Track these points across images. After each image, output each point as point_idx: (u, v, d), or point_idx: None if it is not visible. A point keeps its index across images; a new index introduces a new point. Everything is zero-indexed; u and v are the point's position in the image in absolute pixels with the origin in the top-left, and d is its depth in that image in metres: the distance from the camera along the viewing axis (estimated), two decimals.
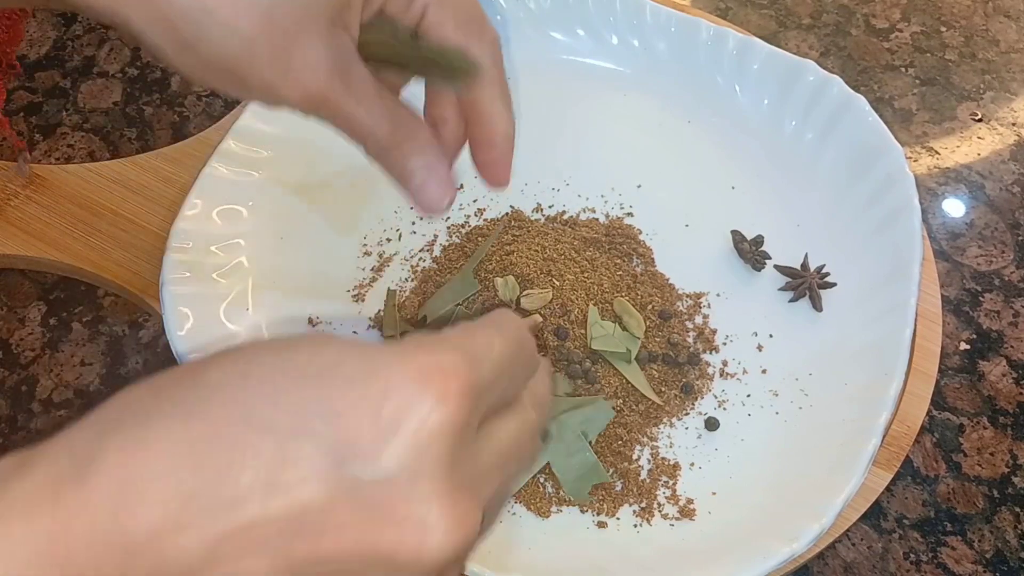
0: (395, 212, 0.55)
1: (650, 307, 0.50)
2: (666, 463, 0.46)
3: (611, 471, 0.46)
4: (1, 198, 0.54)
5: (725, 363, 0.50)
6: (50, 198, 0.54)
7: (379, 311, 0.51)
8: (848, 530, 0.45)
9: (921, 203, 0.51)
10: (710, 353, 0.50)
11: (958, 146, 0.62)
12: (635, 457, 0.46)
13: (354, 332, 0.50)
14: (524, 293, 0.49)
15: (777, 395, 0.49)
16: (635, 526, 0.45)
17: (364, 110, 0.33)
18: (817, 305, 0.51)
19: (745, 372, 0.49)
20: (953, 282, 0.56)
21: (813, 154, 0.56)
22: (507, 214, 0.55)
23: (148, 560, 0.21)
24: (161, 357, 0.52)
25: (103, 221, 0.53)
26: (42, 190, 0.54)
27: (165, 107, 0.62)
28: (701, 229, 0.54)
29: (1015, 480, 0.49)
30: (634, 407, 0.47)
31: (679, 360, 0.49)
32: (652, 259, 0.53)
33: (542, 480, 0.46)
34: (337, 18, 0.31)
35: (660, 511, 0.45)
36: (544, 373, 0.29)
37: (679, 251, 0.53)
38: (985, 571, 0.47)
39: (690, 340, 0.50)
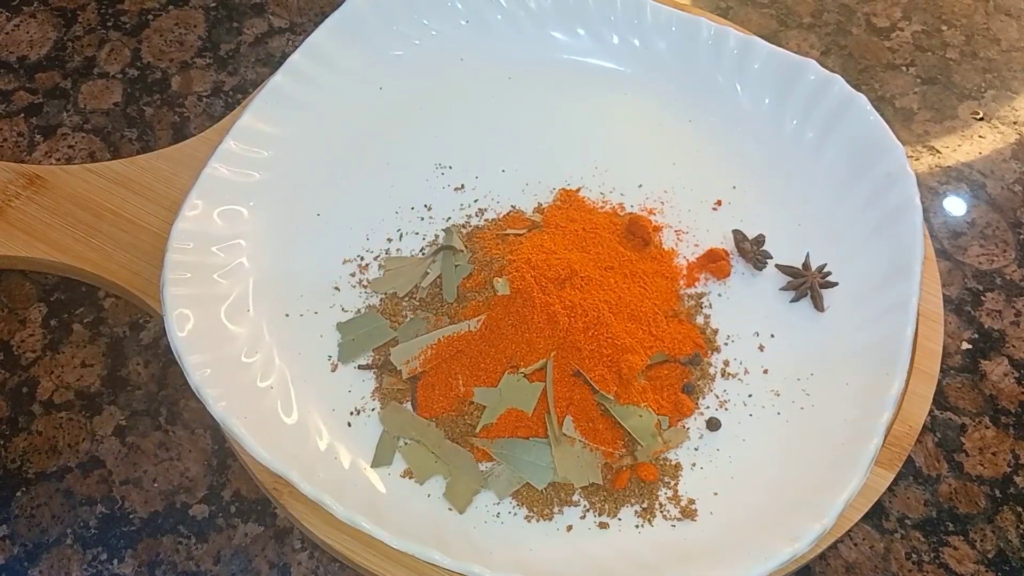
0: (396, 212, 0.55)
1: None
2: (668, 463, 0.46)
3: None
4: (2, 199, 0.54)
5: (726, 363, 0.50)
6: (51, 199, 0.54)
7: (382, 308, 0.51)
8: (850, 530, 0.45)
9: (922, 202, 0.51)
10: (711, 353, 0.50)
11: (959, 145, 0.62)
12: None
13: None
14: None
15: (779, 395, 0.49)
16: (637, 526, 0.45)
17: None
18: (818, 305, 0.51)
19: (746, 372, 0.49)
20: (954, 281, 0.56)
21: (814, 153, 0.56)
22: (508, 213, 0.55)
23: None
24: (162, 358, 0.52)
25: (104, 222, 0.53)
26: (43, 191, 0.54)
27: (165, 108, 0.62)
28: (702, 229, 0.54)
29: (1017, 480, 0.49)
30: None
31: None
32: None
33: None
34: None
35: (662, 511, 0.45)
36: None
37: (679, 250, 0.53)
38: (987, 571, 0.47)
39: None
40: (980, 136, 0.62)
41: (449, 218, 0.55)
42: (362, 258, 0.53)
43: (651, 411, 0.47)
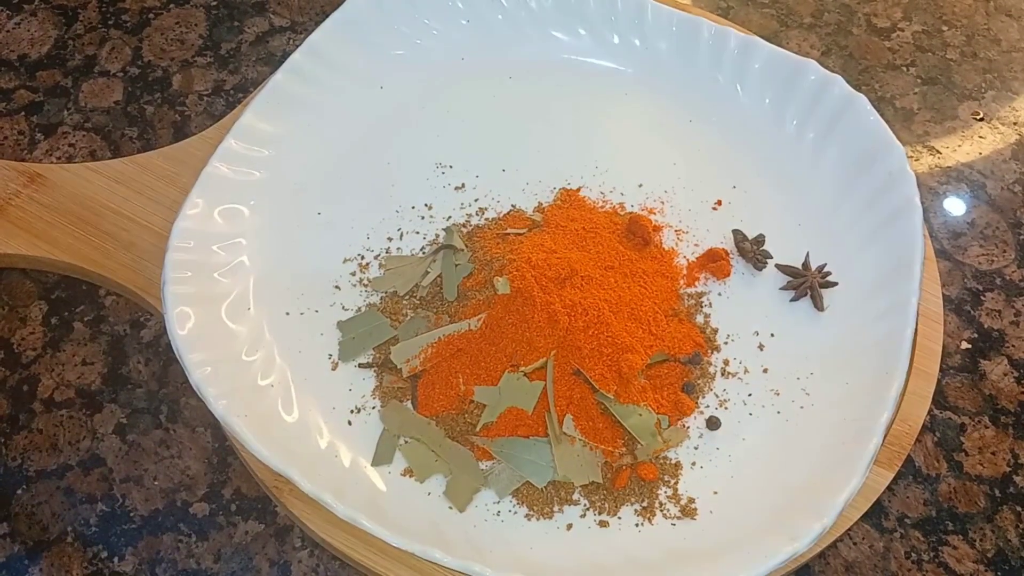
0: (396, 211, 0.55)
1: None
2: (667, 462, 0.46)
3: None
4: (3, 197, 0.54)
5: (726, 362, 0.50)
6: (51, 197, 0.54)
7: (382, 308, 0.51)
8: (849, 529, 0.45)
9: (922, 202, 0.51)
10: (711, 352, 0.50)
11: (959, 145, 0.62)
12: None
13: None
14: None
15: (778, 394, 0.49)
16: (636, 525, 0.45)
17: None
18: (818, 304, 0.51)
19: (746, 371, 0.49)
20: (954, 281, 0.56)
21: (814, 153, 0.56)
22: (508, 213, 0.55)
23: None
24: (163, 357, 0.52)
25: (104, 220, 0.53)
26: (43, 190, 0.54)
27: (166, 106, 0.62)
28: (702, 228, 0.54)
29: (1016, 479, 0.49)
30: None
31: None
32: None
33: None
34: None
35: (662, 510, 0.45)
36: None
37: (680, 250, 0.53)
38: (987, 570, 0.47)
39: None
40: (980, 136, 0.62)
41: (449, 217, 0.55)
42: (362, 257, 0.53)
43: (651, 410, 0.47)
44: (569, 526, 0.45)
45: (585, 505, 0.45)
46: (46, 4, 0.67)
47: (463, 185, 0.56)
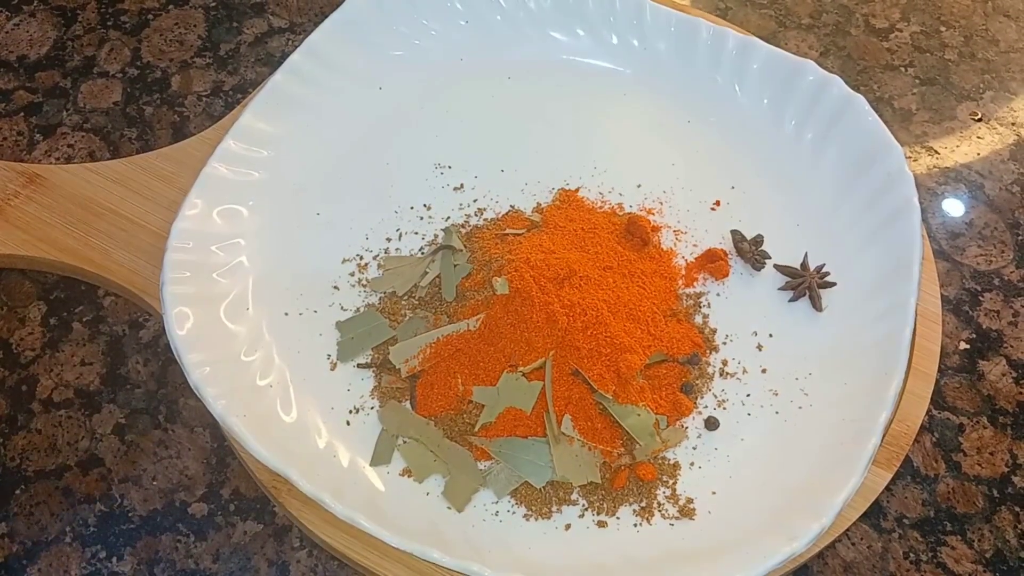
0: (395, 212, 0.55)
1: None
2: (666, 462, 0.46)
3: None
4: (1, 198, 0.54)
5: (725, 362, 0.50)
6: (50, 198, 0.54)
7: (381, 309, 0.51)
8: (848, 529, 0.45)
9: (921, 203, 0.51)
10: (710, 353, 0.50)
11: (958, 146, 0.62)
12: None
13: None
14: None
15: (777, 395, 0.49)
16: (635, 525, 0.45)
17: None
18: (817, 305, 0.51)
19: (745, 372, 0.49)
20: (953, 282, 0.56)
21: (813, 154, 0.56)
22: (507, 213, 0.55)
23: None
24: (161, 357, 0.52)
25: (103, 221, 0.53)
26: (42, 190, 0.54)
27: (165, 107, 0.62)
28: (701, 229, 0.55)
29: (1015, 479, 0.49)
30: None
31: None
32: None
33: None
34: None
35: (660, 510, 0.45)
36: None
37: (678, 250, 0.53)
38: (985, 571, 0.47)
39: None
40: (978, 137, 0.62)
41: (448, 218, 0.55)
42: (361, 257, 0.53)
43: (649, 410, 0.47)
44: (567, 526, 0.45)
45: (583, 505, 0.45)
46: (45, 5, 0.67)
47: (462, 185, 0.56)
